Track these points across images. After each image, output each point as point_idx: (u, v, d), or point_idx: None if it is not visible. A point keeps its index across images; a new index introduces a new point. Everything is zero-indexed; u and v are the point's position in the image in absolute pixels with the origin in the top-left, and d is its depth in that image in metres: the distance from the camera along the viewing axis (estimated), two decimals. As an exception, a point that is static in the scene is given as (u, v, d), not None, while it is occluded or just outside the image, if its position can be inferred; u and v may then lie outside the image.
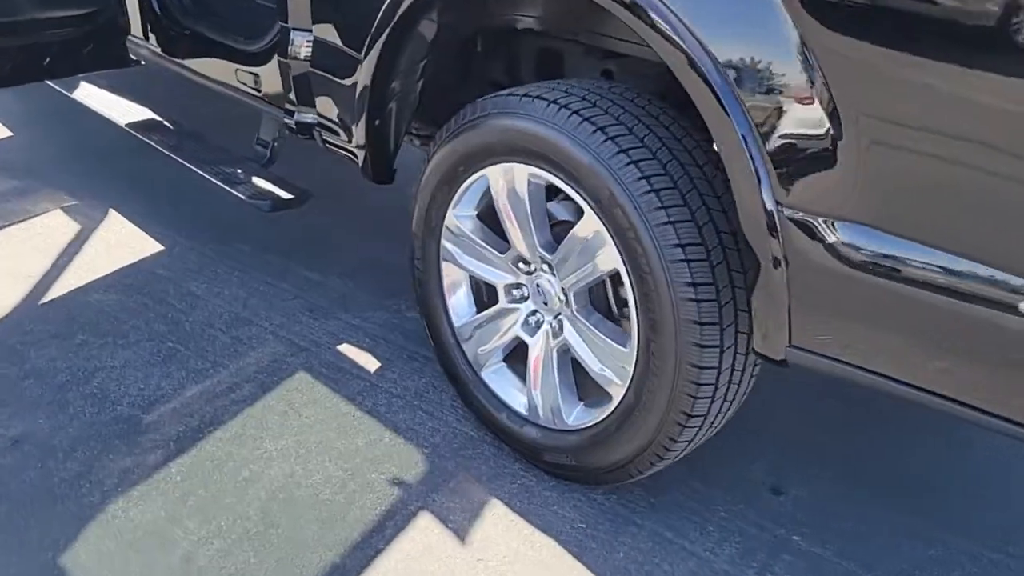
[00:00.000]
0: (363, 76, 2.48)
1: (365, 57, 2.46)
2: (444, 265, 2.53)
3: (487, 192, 2.39)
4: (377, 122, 2.58)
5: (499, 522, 2.30)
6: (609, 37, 2.32)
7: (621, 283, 2.08)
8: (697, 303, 1.96)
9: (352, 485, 2.38)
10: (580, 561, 2.20)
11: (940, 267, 1.59)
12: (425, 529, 2.27)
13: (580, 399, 2.35)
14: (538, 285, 2.33)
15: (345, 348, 2.95)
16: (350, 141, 2.64)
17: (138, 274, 3.32)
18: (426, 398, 2.74)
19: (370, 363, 2.89)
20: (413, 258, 2.60)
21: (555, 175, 2.12)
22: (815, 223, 1.69)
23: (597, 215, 2.06)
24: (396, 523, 2.28)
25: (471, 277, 2.55)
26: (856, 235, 1.66)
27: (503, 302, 2.43)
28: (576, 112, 2.07)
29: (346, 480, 2.40)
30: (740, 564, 2.22)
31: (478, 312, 2.55)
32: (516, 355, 2.50)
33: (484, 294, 2.60)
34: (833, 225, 1.68)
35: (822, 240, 1.70)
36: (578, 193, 2.08)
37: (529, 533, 2.27)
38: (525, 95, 2.17)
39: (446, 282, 2.55)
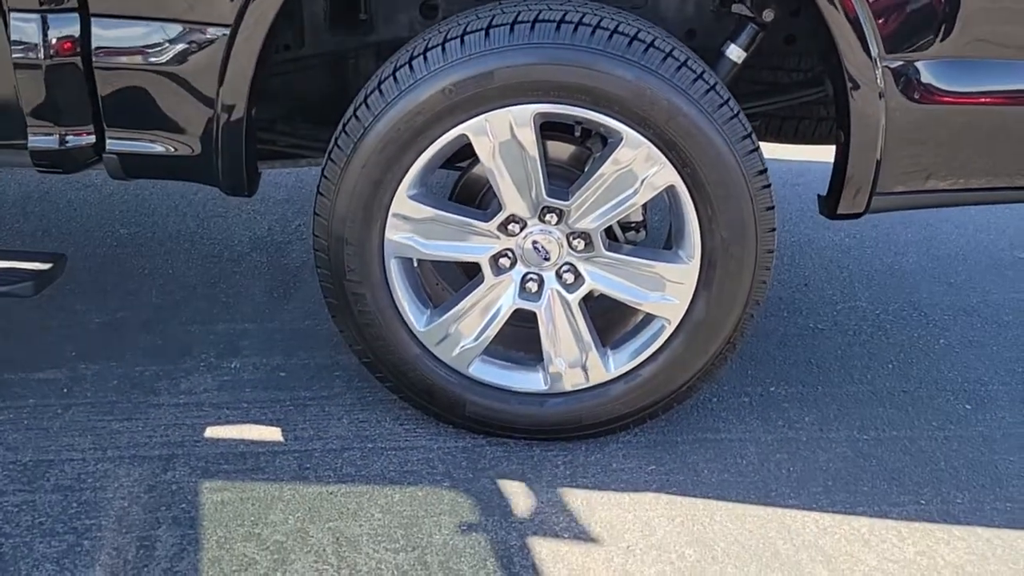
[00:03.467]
0: (249, 43, 1.81)
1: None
2: (392, 264, 2.04)
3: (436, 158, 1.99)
4: (254, 111, 1.92)
5: (593, 509, 2.03)
6: None
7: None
8: (769, 188, 1.97)
9: (422, 571, 1.87)
10: (709, 495, 2.08)
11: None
12: (533, 556, 1.92)
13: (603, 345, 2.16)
14: (535, 243, 2.05)
15: (213, 432, 2.19)
16: (206, 152, 1.91)
17: None
18: (374, 436, 2.21)
19: (264, 434, 2.20)
20: (339, 276, 2.04)
21: (578, 106, 1.88)
22: (918, 65, 1.84)
23: (643, 134, 1.90)
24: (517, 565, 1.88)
25: (410, 270, 2.11)
26: (955, 68, 1.86)
27: (490, 278, 2.07)
28: (599, 27, 1.85)
29: (410, 571, 1.87)
30: (776, 428, 2.32)
31: (435, 306, 2.13)
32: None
33: (424, 284, 2.18)
34: (934, 64, 1.85)
35: (922, 79, 1.86)
36: (613, 117, 1.88)
37: (631, 502, 2.06)
38: (517, 22, 1.84)
39: (396, 284, 2.06)
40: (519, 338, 2.20)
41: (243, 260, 3.01)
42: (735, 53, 2.14)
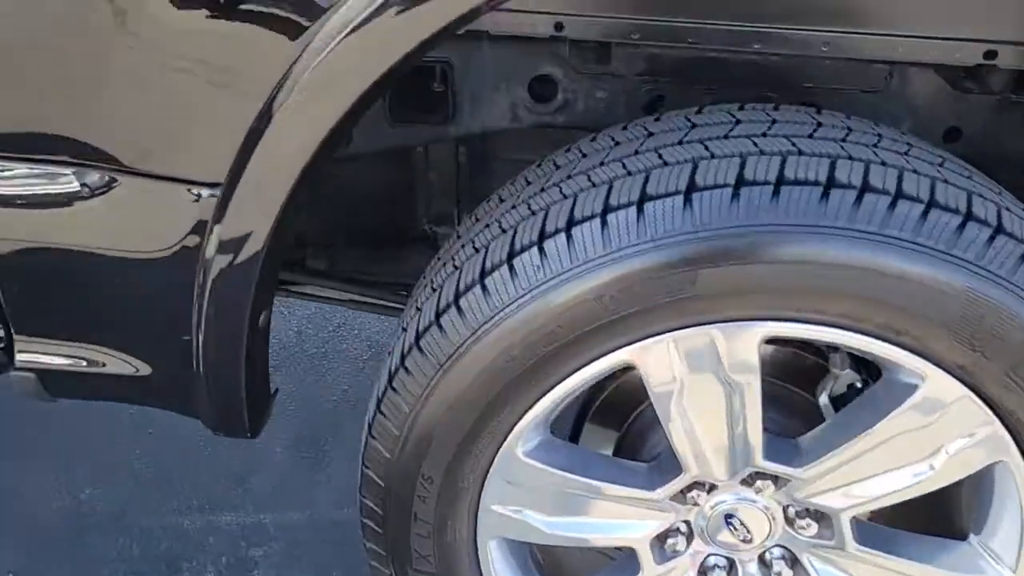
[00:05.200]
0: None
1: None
2: (491, 548, 1.23)
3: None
4: (262, 318, 1.10)
5: None
6: None
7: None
8: None
9: None
10: None
11: None
12: None
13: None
14: (728, 516, 1.21)
15: None
16: (177, 373, 1.10)
17: None
18: None
19: None
20: (402, 563, 1.23)
21: (847, 329, 1.02)
22: None
23: (961, 379, 1.04)
24: None
25: (518, 550, 1.29)
26: None
27: (650, 567, 1.24)
28: (903, 196, 0.98)
29: None
30: None
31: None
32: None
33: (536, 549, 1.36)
34: None
35: None
36: (910, 351, 1.03)
37: None
38: (743, 183, 0.99)
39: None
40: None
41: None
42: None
